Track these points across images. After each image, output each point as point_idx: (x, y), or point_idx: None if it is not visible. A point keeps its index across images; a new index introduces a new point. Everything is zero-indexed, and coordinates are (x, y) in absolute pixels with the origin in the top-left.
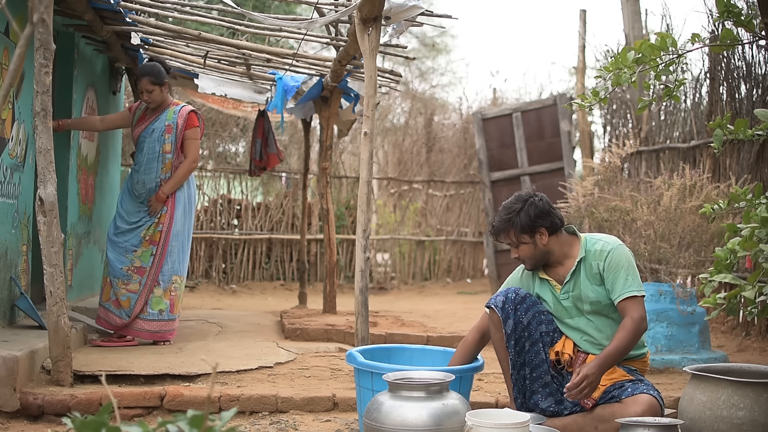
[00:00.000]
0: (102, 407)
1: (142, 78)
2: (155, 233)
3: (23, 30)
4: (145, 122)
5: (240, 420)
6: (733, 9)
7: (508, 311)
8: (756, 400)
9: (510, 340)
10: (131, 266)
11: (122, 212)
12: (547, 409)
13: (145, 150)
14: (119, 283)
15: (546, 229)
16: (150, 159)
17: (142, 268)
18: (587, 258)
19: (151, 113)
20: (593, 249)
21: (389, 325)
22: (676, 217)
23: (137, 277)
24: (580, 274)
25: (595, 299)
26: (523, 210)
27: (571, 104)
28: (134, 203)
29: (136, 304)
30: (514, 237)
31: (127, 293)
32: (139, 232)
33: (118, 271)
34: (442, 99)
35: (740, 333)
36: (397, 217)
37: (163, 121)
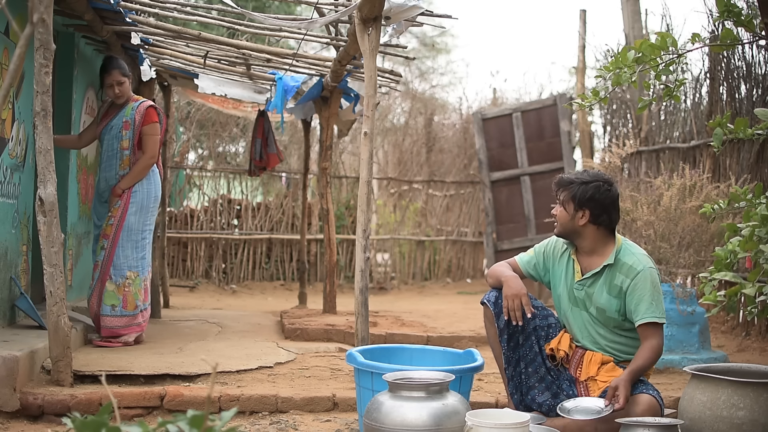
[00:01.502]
0: (102, 407)
1: (112, 71)
2: (107, 227)
3: (23, 30)
4: (107, 119)
5: (240, 420)
6: (733, 9)
7: (501, 306)
8: (756, 400)
9: (503, 335)
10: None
11: (93, 214)
12: (544, 403)
13: (105, 147)
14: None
15: (590, 214)
16: (109, 156)
17: (96, 263)
18: (614, 266)
19: (114, 109)
20: (623, 261)
21: (389, 325)
22: (676, 217)
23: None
24: (600, 277)
25: (602, 307)
26: (589, 185)
27: (571, 104)
28: (100, 202)
29: (91, 299)
30: (562, 196)
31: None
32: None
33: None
34: (442, 99)
35: (740, 333)
36: (397, 217)
37: (121, 118)
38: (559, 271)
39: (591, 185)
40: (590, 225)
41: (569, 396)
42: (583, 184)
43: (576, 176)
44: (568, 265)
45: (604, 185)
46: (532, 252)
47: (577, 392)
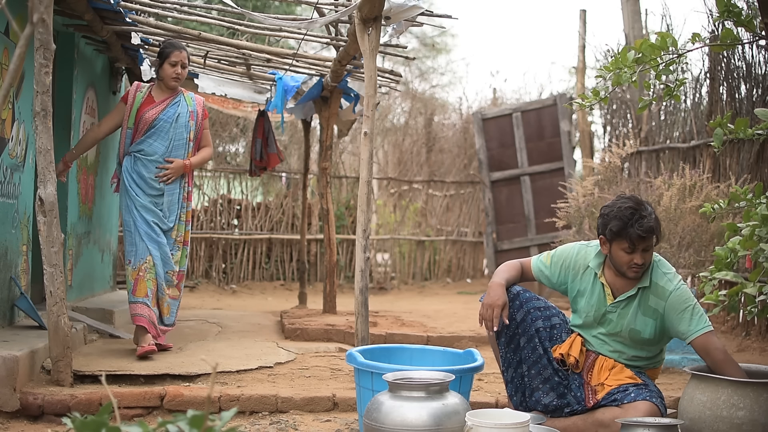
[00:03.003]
0: (102, 407)
1: (181, 51)
2: (185, 232)
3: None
4: (160, 105)
5: (240, 420)
6: (733, 9)
7: None
8: (756, 400)
9: (501, 337)
10: (172, 270)
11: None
12: (549, 404)
13: (171, 136)
14: (165, 287)
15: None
16: (177, 146)
17: (181, 273)
18: (650, 289)
19: (161, 95)
20: (656, 283)
21: (389, 325)
22: (676, 217)
23: (176, 281)
24: (634, 300)
25: (637, 328)
26: (655, 216)
27: (571, 104)
28: (152, 198)
29: (177, 311)
30: (653, 241)
31: (169, 299)
32: (170, 232)
33: (164, 274)
34: (442, 99)
35: (740, 333)
36: (397, 217)
37: (185, 107)
38: (582, 288)
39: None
40: None
41: (576, 397)
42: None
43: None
44: (595, 286)
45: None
46: (549, 261)
47: (585, 395)
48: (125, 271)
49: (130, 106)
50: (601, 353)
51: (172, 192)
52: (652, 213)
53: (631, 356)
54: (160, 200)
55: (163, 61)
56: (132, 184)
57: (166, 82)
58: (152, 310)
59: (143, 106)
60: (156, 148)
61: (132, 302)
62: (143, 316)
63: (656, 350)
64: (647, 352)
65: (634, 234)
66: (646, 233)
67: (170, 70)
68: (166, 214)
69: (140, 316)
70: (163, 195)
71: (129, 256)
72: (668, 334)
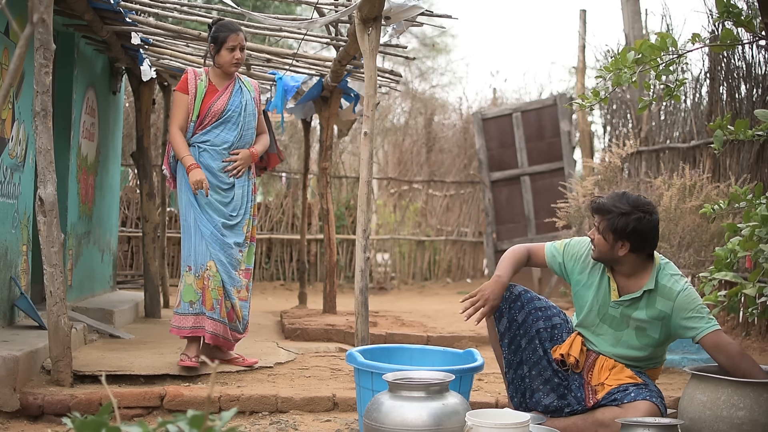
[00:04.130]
0: (102, 407)
1: (237, 33)
2: (252, 228)
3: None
4: (224, 94)
5: (240, 420)
6: (733, 9)
7: (501, 309)
8: (756, 400)
9: (504, 339)
10: (241, 270)
11: (215, 203)
12: (550, 405)
13: (241, 125)
14: (234, 291)
15: (631, 246)
16: (245, 135)
17: (248, 271)
18: (656, 291)
19: (221, 82)
20: (663, 285)
21: (389, 325)
22: (676, 217)
23: (245, 281)
24: (640, 301)
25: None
26: (630, 217)
27: (571, 104)
28: (219, 193)
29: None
30: (601, 226)
31: (240, 303)
32: (240, 228)
33: (233, 277)
34: (442, 99)
35: (740, 333)
36: (397, 217)
37: (248, 94)
38: (588, 282)
39: (632, 218)
40: (630, 254)
41: (577, 397)
42: (623, 215)
43: (615, 204)
44: (602, 280)
45: (645, 216)
46: (561, 248)
47: (585, 395)
48: (182, 278)
49: (192, 96)
50: (602, 353)
51: (243, 184)
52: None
53: (632, 356)
54: (230, 193)
55: (220, 47)
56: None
57: (226, 69)
58: (219, 323)
59: (207, 96)
60: (225, 138)
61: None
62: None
63: (659, 351)
64: (648, 352)
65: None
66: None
67: (229, 56)
68: (236, 208)
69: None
70: (234, 187)
71: (187, 261)
72: (675, 335)
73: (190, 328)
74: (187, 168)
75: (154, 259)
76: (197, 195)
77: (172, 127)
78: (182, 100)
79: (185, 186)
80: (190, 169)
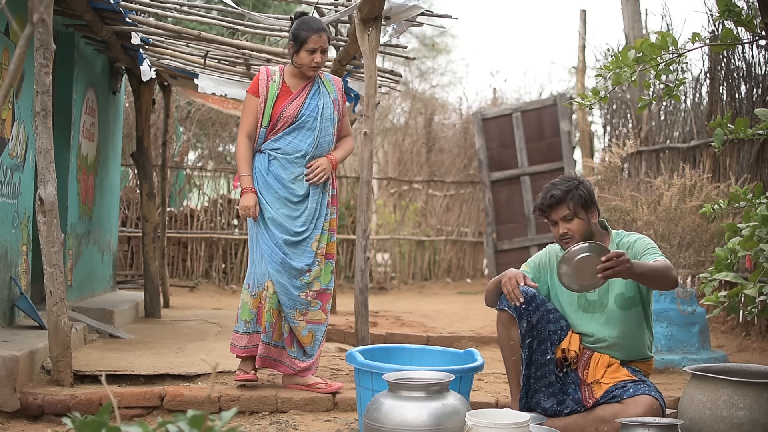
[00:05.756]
0: (102, 407)
1: (322, 32)
2: (329, 244)
3: (23, 30)
4: (299, 97)
5: (240, 420)
6: (733, 9)
7: (520, 311)
8: (756, 400)
9: (525, 340)
10: (309, 291)
11: (281, 219)
12: (549, 408)
13: (317, 131)
14: (296, 314)
15: (597, 210)
16: (322, 143)
17: (324, 292)
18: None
19: (297, 83)
20: (622, 242)
21: (389, 325)
22: (676, 217)
23: (317, 303)
24: None
25: (620, 291)
26: (582, 185)
27: (571, 103)
28: (288, 206)
29: (323, 339)
30: (571, 208)
31: (308, 325)
32: (308, 245)
33: (295, 299)
34: (442, 99)
35: (740, 333)
36: (397, 217)
37: (327, 95)
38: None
39: (583, 185)
40: (597, 223)
41: (575, 401)
42: (577, 186)
43: (565, 185)
44: None
45: (586, 182)
46: (527, 267)
47: (582, 395)
48: (242, 295)
49: (263, 99)
50: (597, 349)
51: (316, 195)
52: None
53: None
54: (301, 206)
55: (300, 47)
56: (264, 189)
57: (304, 71)
58: (270, 346)
59: (280, 99)
60: (298, 146)
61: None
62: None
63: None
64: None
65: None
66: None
67: (308, 58)
68: (305, 222)
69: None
70: (307, 199)
71: (247, 278)
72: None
73: (244, 348)
74: (242, 190)
75: (154, 259)
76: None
77: (239, 136)
78: (251, 104)
79: None
80: (244, 193)
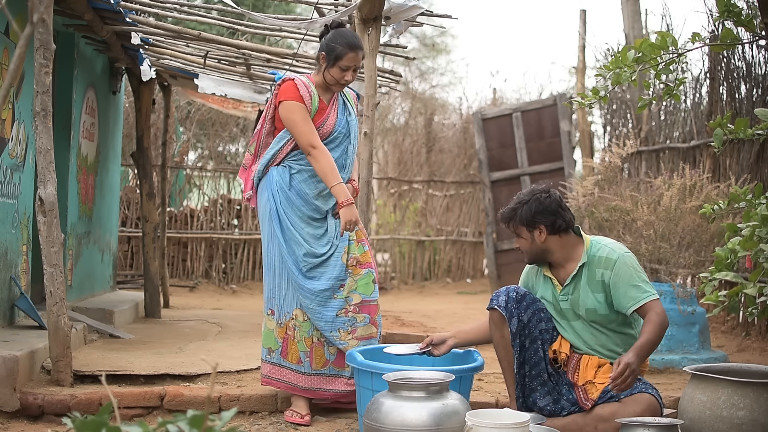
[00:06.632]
0: (102, 407)
1: (357, 52)
2: (363, 254)
3: (23, 30)
4: (332, 112)
5: (240, 420)
6: (733, 9)
7: (511, 310)
8: (756, 400)
9: (515, 339)
10: (349, 306)
11: (303, 241)
12: (544, 407)
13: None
14: (343, 334)
15: (546, 227)
16: (351, 160)
17: (368, 303)
18: (590, 264)
19: (325, 94)
20: (597, 255)
21: (389, 325)
22: (676, 217)
23: (365, 316)
24: (580, 279)
25: (592, 308)
26: (527, 204)
27: (571, 102)
28: (312, 224)
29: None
30: (513, 228)
31: (360, 342)
32: (337, 258)
33: (333, 320)
34: (442, 99)
35: (740, 333)
36: (397, 217)
37: (351, 110)
38: (542, 291)
39: (531, 201)
40: (551, 237)
41: (569, 401)
42: (524, 204)
43: (515, 203)
44: (545, 282)
45: (542, 195)
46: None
47: (575, 396)
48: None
49: (309, 110)
50: (584, 352)
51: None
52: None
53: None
54: (324, 223)
55: (334, 63)
56: (286, 206)
57: (330, 85)
58: (318, 376)
59: (317, 114)
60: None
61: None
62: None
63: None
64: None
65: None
66: (504, 222)
67: (339, 74)
68: (330, 240)
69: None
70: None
71: (269, 303)
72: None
73: (264, 377)
74: (340, 203)
75: (154, 259)
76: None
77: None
78: (303, 112)
79: (271, 214)
80: (344, 205)
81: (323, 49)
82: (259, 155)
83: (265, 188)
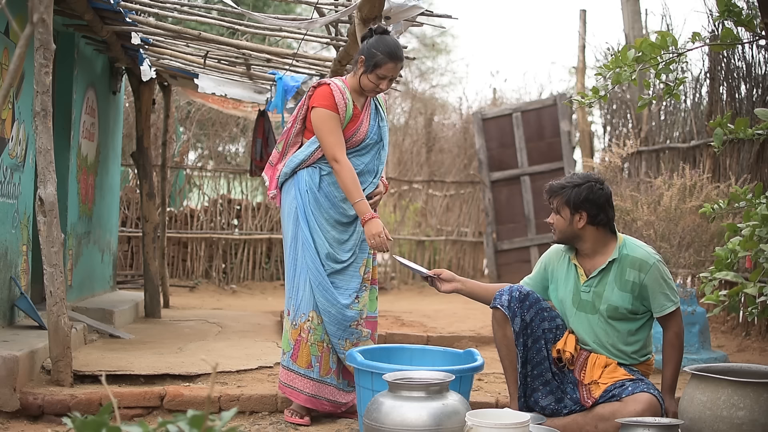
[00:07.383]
0: (102, 407)
1: (397, 63)
2: (374, 268)
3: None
4: (365, 118)
5: (240, 420)
6: (733, 9)
7: (514, 309)
8: (756, 400)
9: (519, 338)
10: (361, 319)
11: (327, 244)
12: (546, 407)
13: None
14: (347, 344)
15: (588, 216)
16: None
17: (371, 319)
18: (621, 261)
19: (358, 100)
20: (632, 255)
21: (389, 325)
22: (676, 217)
23: (368, 332)
24: (608, 274)
25: (614, 305)
26: (581, 187)
27: (571, 101)
28: (337, 228)
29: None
30: (556, 204)
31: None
32: (356, 270)
33: (346, 329)
34: (442, 99)
35: (740, 333)
36: (397, 217)
37: (382, 115)
38: (560, 275)
39: (584, 187)
40: (589, 226)
41: (573, 400)
42: (576, 186)
43: (567, 180)
44: (570, 269)
45: (596, 185)
46: (536, 267)
47: (579, 395)
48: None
49: (342, 118)
50: (593, 349)
51: None
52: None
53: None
54: (350, 229)
55: (372, 70)
56: (314, 207)
57: (365, 90)
58: (322, 384)
59: (352, 121)
60: (354, 163)
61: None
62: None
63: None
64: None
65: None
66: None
67: (375, 81)
68: (354, 246)
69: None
70: (355, 221)
71: (287, 304)
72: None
73: (279, 383)
74: (364, 218)
75: (154, 259)
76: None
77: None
78: (335, 122)
79: (297, 213)
80: (368, 220)
81: (363, 53)
82: (286, 153)
83: (291, 187)
